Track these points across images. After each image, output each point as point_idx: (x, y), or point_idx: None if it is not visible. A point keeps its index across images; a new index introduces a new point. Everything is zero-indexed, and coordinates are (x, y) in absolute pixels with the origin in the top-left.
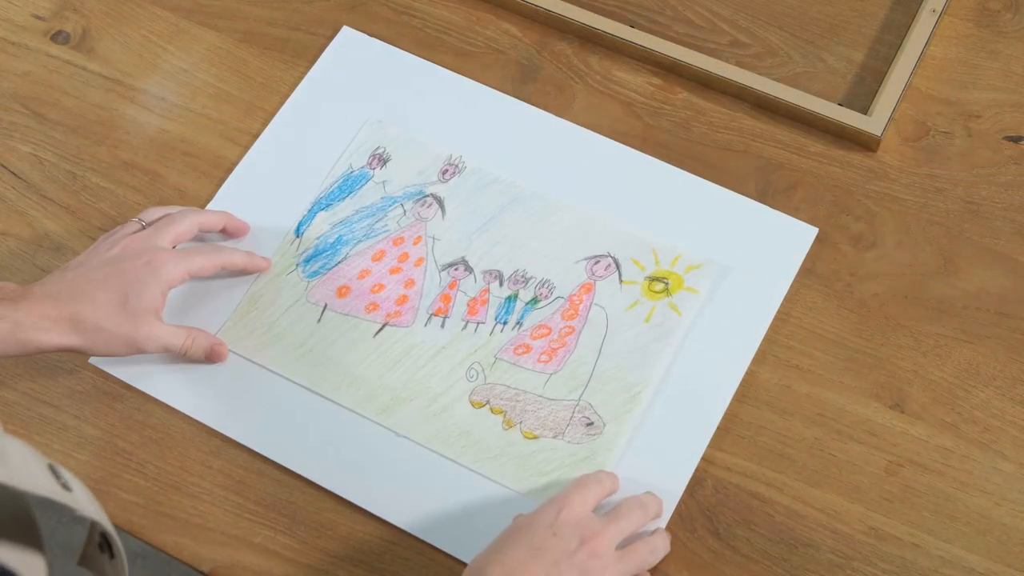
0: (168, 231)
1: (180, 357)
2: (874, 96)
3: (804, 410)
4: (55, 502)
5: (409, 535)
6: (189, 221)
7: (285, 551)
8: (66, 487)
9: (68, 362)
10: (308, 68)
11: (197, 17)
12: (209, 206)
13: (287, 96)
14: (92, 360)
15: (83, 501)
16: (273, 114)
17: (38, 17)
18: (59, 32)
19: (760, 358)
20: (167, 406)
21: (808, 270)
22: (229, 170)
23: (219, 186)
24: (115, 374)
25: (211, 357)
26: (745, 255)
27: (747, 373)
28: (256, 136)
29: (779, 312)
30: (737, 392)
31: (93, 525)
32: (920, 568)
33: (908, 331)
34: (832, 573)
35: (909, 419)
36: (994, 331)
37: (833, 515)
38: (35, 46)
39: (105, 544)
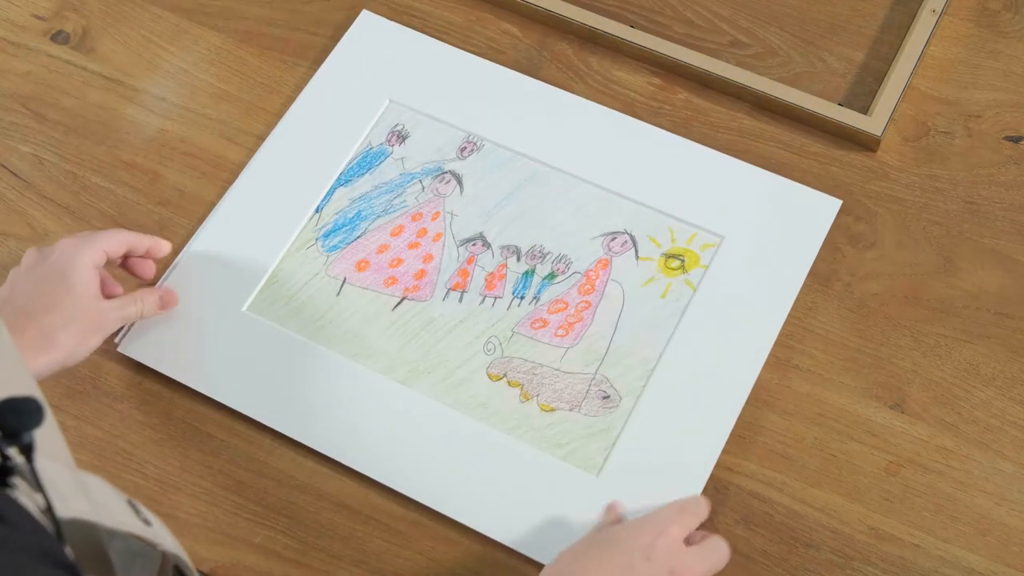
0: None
1: (139, 319)
2: (874, 96)
3: (804, 410)
4: (141, 537)
5: (408, 536)
6: (116, 238)
7: (285, 551)
8: (146, 522)
9: None
10: (308, 68)
11: (197, 17)
12: (235, 185)
13: (287, 96)
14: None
15: (163, 535)
16: (273, 114)
17: (38, 17)
18: (59, 32)
19: None
20: (167, 406)
21: (808, 270)
22: (229, 170)
23: (220, 186)
24: (136, 357)
25: (165, 305)
26: (767, 229)
27: None
28: (256, 136)
29: None
30: None
31: (165, 559)
32: (920, 568)
33: (908, 331)
34: (832, 573)
35: (909, 419)
36: (994, 331)
37: (833, 515)
38: (35, 46)
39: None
